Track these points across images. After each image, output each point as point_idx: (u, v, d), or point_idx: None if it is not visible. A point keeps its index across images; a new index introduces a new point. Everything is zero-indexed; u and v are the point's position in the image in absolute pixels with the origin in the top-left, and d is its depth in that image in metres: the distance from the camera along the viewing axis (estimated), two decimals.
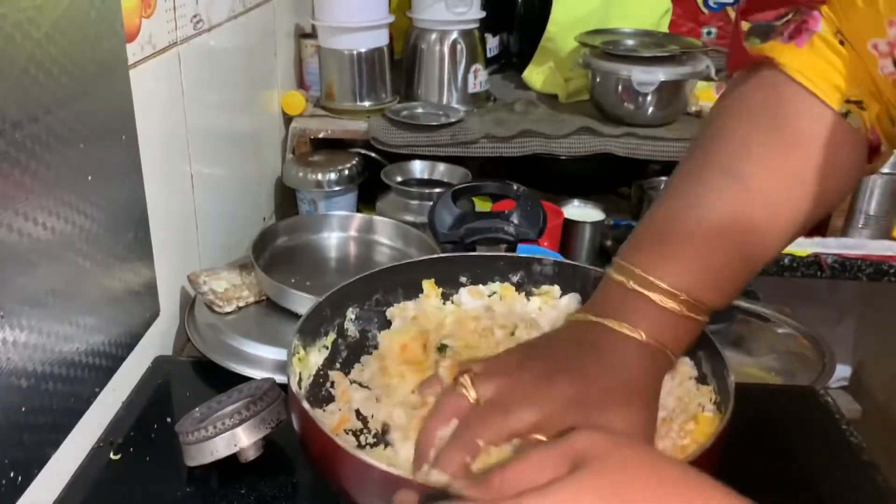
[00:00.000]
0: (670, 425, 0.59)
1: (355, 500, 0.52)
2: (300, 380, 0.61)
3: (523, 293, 0.73)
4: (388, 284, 0.71)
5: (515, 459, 0.43)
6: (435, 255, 0.77)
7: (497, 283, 0.73)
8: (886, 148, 0.60)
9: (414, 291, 0.72)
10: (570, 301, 0.71)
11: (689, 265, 0.57)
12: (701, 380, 0.63)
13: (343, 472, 0.52)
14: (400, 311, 0.70)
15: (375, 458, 0.49)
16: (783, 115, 0.59)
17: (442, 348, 0.65)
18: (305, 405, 0.54)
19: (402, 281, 0.71)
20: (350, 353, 0.68)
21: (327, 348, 0.66)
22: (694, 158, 0.63)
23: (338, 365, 0.66)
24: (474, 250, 0.85)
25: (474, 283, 0.73)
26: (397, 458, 0.55)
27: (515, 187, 0.94)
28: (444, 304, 0.72)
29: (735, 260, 0.59)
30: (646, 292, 0.56)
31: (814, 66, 0.57)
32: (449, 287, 0.72)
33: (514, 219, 0.89)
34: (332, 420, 0.60)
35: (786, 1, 0.59)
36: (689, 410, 0.60)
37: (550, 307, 0.71)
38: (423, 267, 0.73)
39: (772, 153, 0.59)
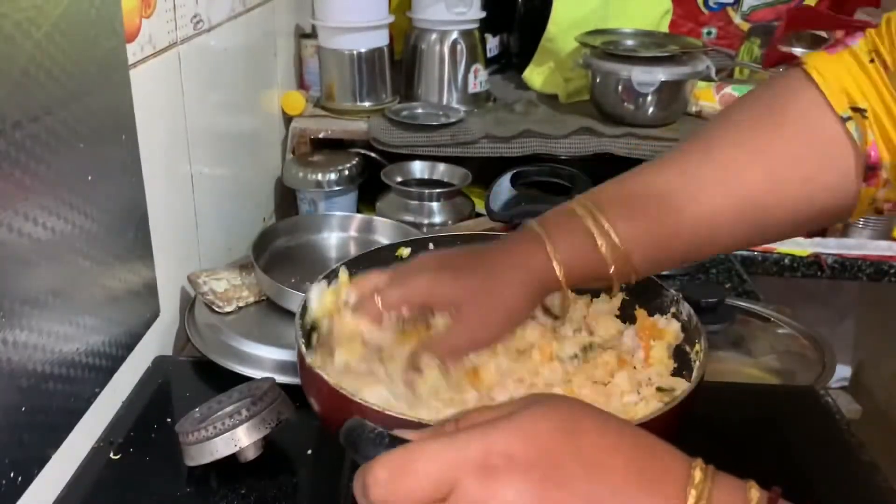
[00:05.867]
0: (630, 366, 0.64)
1: None
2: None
3: None
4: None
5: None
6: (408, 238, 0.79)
7: None
8: (889, 174, 0.58)
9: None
10: None
11: (630, 220, 0.60)
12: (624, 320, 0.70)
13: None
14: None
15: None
16: (782, 101, 0.60)
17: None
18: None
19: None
20: None
21: None
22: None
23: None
24: None
25: None
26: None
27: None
28: None
29: (665, 231, 0.61)
30: (585, 220, 0.60)
31: (832, 69, 0.59)
32: None
33: None
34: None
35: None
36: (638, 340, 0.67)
37: None
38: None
39: (752, 130, 0.61)
